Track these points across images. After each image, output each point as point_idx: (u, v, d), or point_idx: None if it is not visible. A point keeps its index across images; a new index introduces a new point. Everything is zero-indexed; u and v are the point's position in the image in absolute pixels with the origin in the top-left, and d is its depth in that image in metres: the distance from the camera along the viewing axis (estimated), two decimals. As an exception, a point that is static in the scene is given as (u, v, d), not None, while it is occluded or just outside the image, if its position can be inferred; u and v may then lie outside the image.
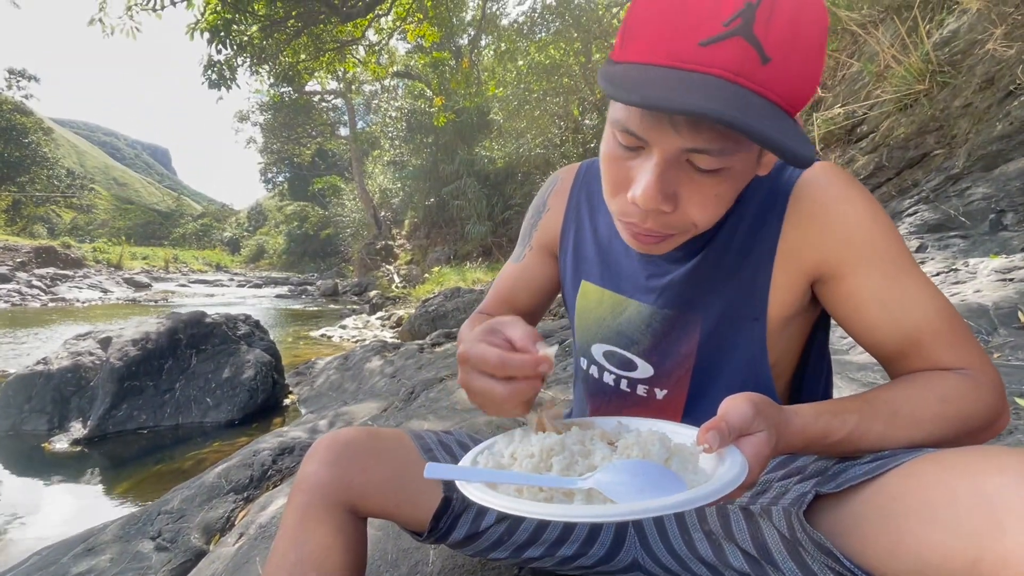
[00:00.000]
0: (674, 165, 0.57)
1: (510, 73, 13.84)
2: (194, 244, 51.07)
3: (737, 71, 0.51)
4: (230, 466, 1.90)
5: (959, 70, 3.61)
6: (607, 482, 0.50)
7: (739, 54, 0.50)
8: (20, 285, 14.92)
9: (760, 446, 0.54)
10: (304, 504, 0.74)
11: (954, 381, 0.64)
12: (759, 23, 0.49)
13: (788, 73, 0.52)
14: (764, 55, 0.50)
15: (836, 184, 0.68)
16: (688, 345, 0.76)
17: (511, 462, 0.58)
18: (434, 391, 2.33)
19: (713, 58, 0.51)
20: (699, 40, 0.51)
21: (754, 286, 0.72)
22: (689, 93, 0.49)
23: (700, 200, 0.60)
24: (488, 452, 0.61)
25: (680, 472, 0.53)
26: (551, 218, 0.92)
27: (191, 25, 7.44)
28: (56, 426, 3.79)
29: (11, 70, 35.56)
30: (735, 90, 0.50)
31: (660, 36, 0.53)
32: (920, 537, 0.49)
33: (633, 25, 0.55)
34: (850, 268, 0.67)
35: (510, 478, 0.53)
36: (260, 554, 1.19)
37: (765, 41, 0.50)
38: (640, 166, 0.59)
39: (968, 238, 2.88)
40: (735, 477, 0.48)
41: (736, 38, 0.50)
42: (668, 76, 0.51)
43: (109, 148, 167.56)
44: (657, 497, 0.46)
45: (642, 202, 0.58)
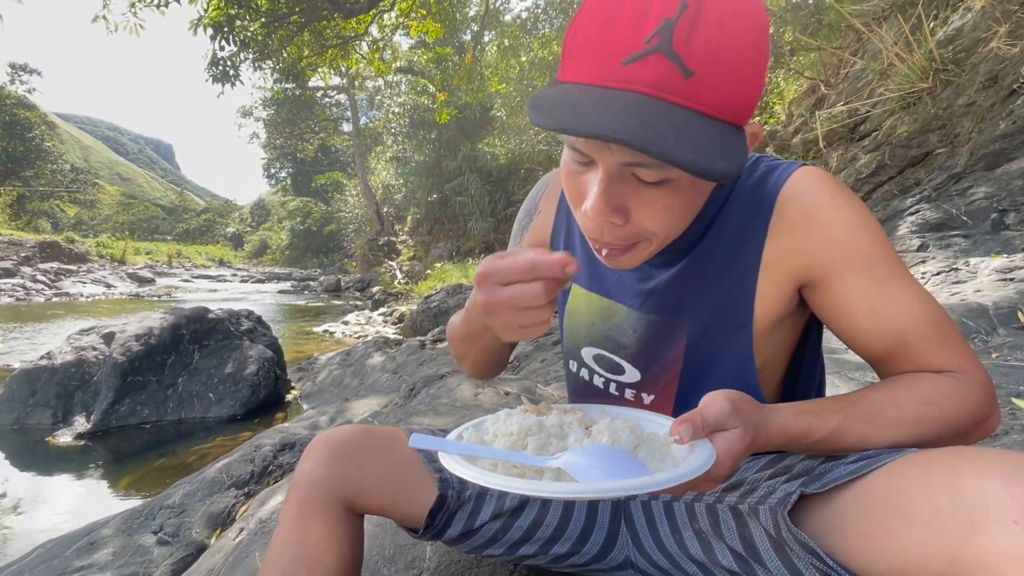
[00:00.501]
0: (619, 178, 0.58)
1: (513, 69, 13.83)
2: (197, 239, 51.17)
3: (659, 87, 0.51)
4: (231, 461, 1.92)
5: (963, 68, 3.60)
6: (574, 463, 0.53)
7: (659, 70, 0.51)
8: (24, 280, 14.98)
9: (733, 442, 0.56)
10: (301, 501, 0.76)
11: (940, 383, 0.64)
12: (678, 38, 0.50)
13: (718, 84, 0.52)
14: (686, 69, 0.51)
15: (822, 190, 0.68)
16: (675, 351, 0.77)
17: (493, 439, 0.62)
18: (435, 387, 2.34)
19: (635, 75, 0.52)
20: (622, 59, 0.52)
21: (740, 293, 0.72)
22: (603, 114, 0.50)
23: (649, 212, 0.60)
24: (474, 428, 0.65)
25: (647, 460, 0.56)
26: (542, 220, 0.92)
27: (194, 21, 7.45)
28: (60, 420, 3.82)
29: (13, 64, 35.62)
30: (655, 106, 0.51)
31: (589, 56, 0.54)
32: (900, 537, 0.50)
33: (568, 46, 0.57)
34: (837, 274, 0.67)
35: (486, 453, 0.58)
36: (259, 548, 1.21)
37: (686, 55, 0.50)
38: (590, 180, 0.61)
39: (969, 237, 2.87)
40: (697, 467, 0.51)
41: (656, 55, 0.51)
42: (590, 96, 0.52)
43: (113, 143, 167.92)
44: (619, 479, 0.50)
45: (591, 215, 0.59)
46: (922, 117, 3.70)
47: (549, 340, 3.72)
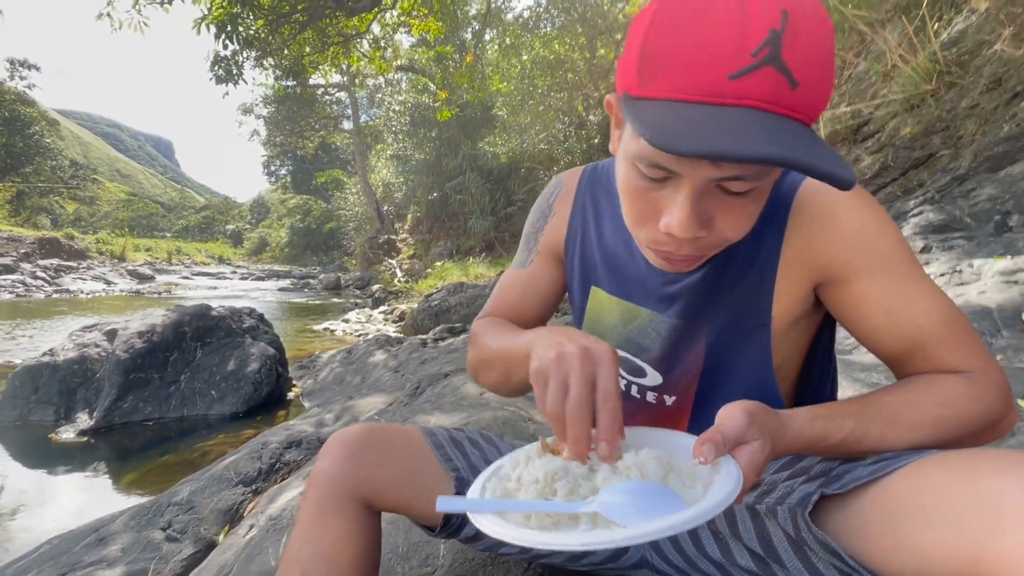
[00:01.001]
0: (706, 192, 0.57)
1: (514, 68, 13.82)
2: (197, 236, 51.11)
3: (769, 100, 0.50)
4: (238, 458, 1.92)
5: (967, 71, 3.61)
6: (610, 504, 0.53)
7: (770, 83, 0.50)
8: (24, 276, 14.97)
9: (754, 454, 0.56)
10: (319, 499, 0.76)
11: (955, 384, 0.65)
12: (786, 48, 0.49)
13: (813, 91, 0.52)
14: (793, 80, 0.50)
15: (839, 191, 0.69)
16: (694, 353, 0.77)
17: (517, 487, 0.60)
18: (439, 386, 2.35)
19: (744, 90, 0.50)
20: (728, 73, 0.50)
21: (758, 294, 0.72)
22: (736, 135, 0.48)
23: (733, 221, 0.60)
24: (496, 477, 0.63)
25: (679, 489, 0.56)
26: (556, 223, 0.91)
27: (198, 20, 7.44)
28: (63, 417, 3.82)
29: (12, 60, 35.55)
30: (772, 121, 0.50)
31: (686, 71, 0.51)
32: (922, 537, 0.51)
33: (652, 60, 0.54)
34: (854, 273, 0.68)
35: (518, 506, 0.56)
36: (272, 545, 1.21)
37: (792, 65, 0.50)
38: (669, 197, 0.59)
39: (973, 239, 2.88)
40: (730, 492, 0.51)
41: (766, 67, 0.49)
42: (705, 114, 0.50)
43: (112, 140, 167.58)
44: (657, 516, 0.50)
45: (679, 232, 0.58)
46: (926, 119, 3.70)
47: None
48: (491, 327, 0.88)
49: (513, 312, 0.94)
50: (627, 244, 0.82)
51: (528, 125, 14.79)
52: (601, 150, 13.54)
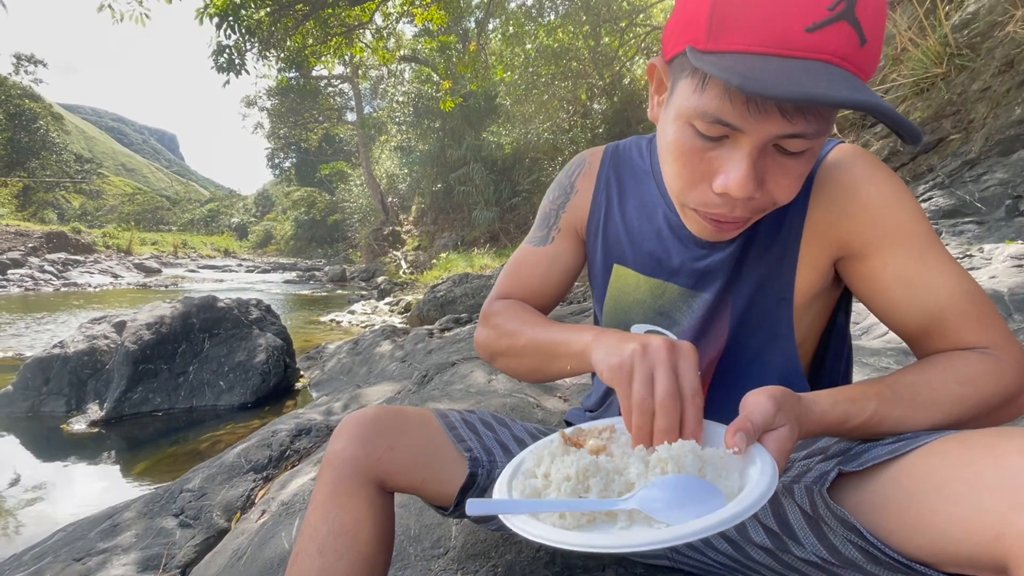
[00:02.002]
0: (764, 152, 0.58)
1: (518, 57, 13.72)
2: (202, 229, 51.29)
3: (842, 55, 0.51)
4: (249, 446, 1.94)
5: (978, 53, 3.56)
6: (648, 500, 0.51)
7: (844, 38, 0.50)
8: (32, 270, 15.09)
9: (783, 441, 0.56)
10: (335, 479, 0.76)
11: (975, 361, 0.64)
12: (860, 5, 0.50)
13: (875, 52, 0.53)
14: (864, 37, 0.51)
15: (861, 165, 0.69)
16: (720, 326, 0.77)
17: (546, 484, 0.59)
18: (447, 374, 2.35)
19: (820, 43, 0.50)
20: (805, 26, 0.50)
21: (782, 267, 0.73)
22: (826, 82, 0.49)
23: (786, 182, 0.60)
24: (521, 476, 0.61)
25: (715, 481, 0.54)
26: (579, 200, 0.91)
27: (200, 10, 7.41)
28: (74, 408, 3.87)
29: (18, 55, 35.61)
30: (845, 75, 0.50)
31: (762, 24, 0.51)
32: (943, 514, 0.50)
33: (725, 13, 0.53)
34: (874, 248, 0.67)
35: (553, 506, 0.54)
36: (285, 529, 1.22)
37: (864, 23, 0.50)
38: (727, 156, 0.59)
39: (983, 224, 2.85)
40: (770, 483, 0.50)
41: (841, 22, 0.50)
42: (785, 65, 0.50)
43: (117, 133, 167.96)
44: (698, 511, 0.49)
45: (736, 191, 0.58)
46: (936, 103, 3.66)
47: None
48: (519, 313, 0.86)
49: (532, 291, 0.92)
50: (652, 221, 0.82)
51: (532, 115, 14.72)
52: (606, 139, 13.46)
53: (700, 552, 0.79)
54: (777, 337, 0.75)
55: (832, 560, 0.62)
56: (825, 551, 0.62)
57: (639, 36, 13.23)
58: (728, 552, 0.75)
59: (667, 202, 0.81)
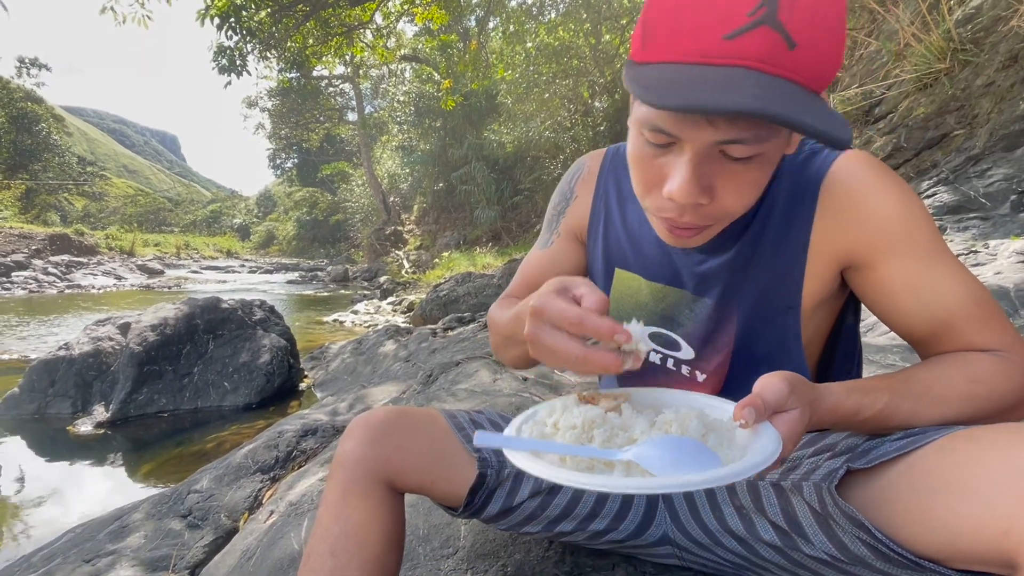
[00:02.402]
0: (708, 158, 0.57)
1: (518, 55, 13.71)
2: (204, 231, 51.36)
3: (765, 60, 0.50)
4: (256, 447, 1.95)
5: (981, 48, 3.54)
6: (646, 455, 0.53)
7: (766, 43, 0.50)
8: (36, 272, 15.14)
9: (794, 423, 0.56)
10: (345, 480, 0.77)
11: (986, 362, 0.64)
12: (783, 9, 0.49)
13: (814, 55, 0.51)
14: (791, 41, 0.50)
15: (868, 173, 0.68)
16: (727, 333, 0.77)
17: (554, 431, 0.61)
18: (452, 374, 2.36)
19: (740, 50, 0.50)
20: (724, 33, 0.50)
21: (789, 277, 0.72)
22: (725, 90, 0.49)
23: (736, 188, 0.60)
24: (532, 422, 0.63)
25: (716, 448, 0.55)
26: (579, 205, 0.91)
27: (201, 11, 7.42)
28: (79, 409, 3.88)
29: (21, 58, 35.68)
30: (767, 80, 0.50)
31: (683, 33, 0.52)
32: (952, 510, 0.51)
33: (653, 25, 0.55)
34: (881, 257, 0.67)
35: (554, 448, 0.56)
36: (293, 530, 1.23)
37: (790, 26, 0.49)
38: (673, 162, 0.59)
39: (988, 220, 2.85)
40: (771, 453, 0.50)
41: (762, 27, 0.49)
42: (698, 73, 0.51)
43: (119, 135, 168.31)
44: (694, 471, 0.49)
45: (679, 197, 0.58)
46: (939, 98, 3.64)
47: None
48: (504, 305, 0.89)
49: (531, 290, 0.93)
50: (651, 225, 0.82)
51: (533, 113, 14.69)
52: (607, 137, 13.43)
53: (709, 551, 0.80)
54: (785, 343, 0.75)
55: (841, 557, 0.62)
56: (834, 548, 0.63)
57: (640, 33, 13.14)
58: (737, 550, 0.76)
59: None
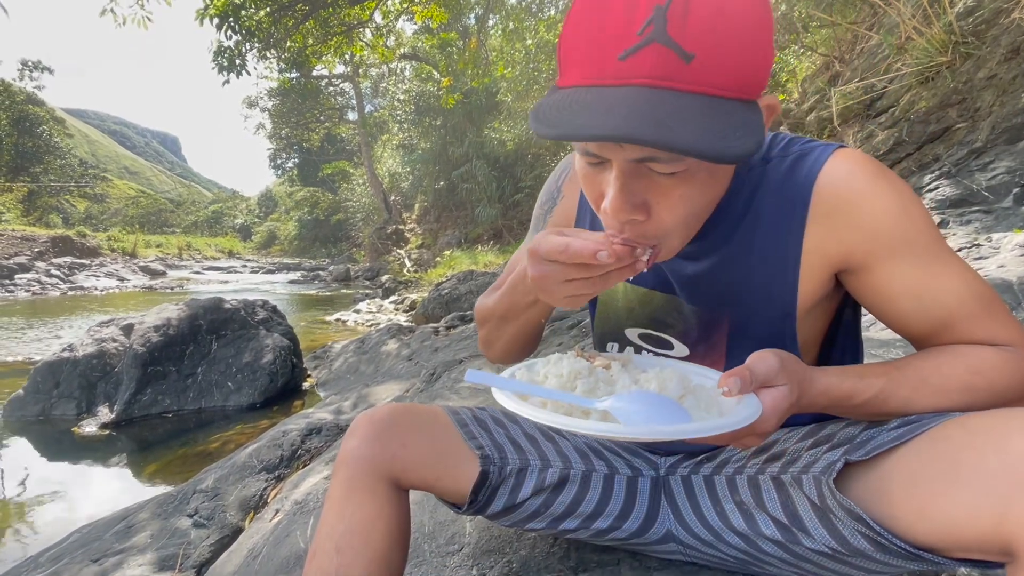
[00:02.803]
0: (635, 174, 0.57)
1: (518, 52, 13.68)
2: (206, 231, 51.39)
3: (660, 76, 0.50)
4: (260, 446, 1.95)
5: (983, 41, 3.53)
6: (619, 407, 0.56)
7: (658, 59, 0.50)
8: (39, 275, 15.17)
9: (779, 399, 0.57)
10: (349, 478, 0.77)
11: (987, 353, 0.64)
12: (672, 24, 0.49)
13: (721, 63, 0.51)
14: (685, 54, 0.49)
15: (861, 176, 0.66)
16: (718, 335, 0.77)
17: (543, 379, 0.65)
18: (455, 372, 2.36)
19: (633, 69, 0.51)
20: (617, 54, 0.51)
21: (783, 286, 0.71)
22: (602, 113, 0.50)
23: (668, 204, 0.59)
24: (526, 369, 0.69)
25: (692, 410, 0.58)
26: (565, 205, 0.90)
27: (200, 11, 7.42)
28: (84, 411, 3.90)
29: (24, 61, 35.73)
30: (659, 97, 0.50)
31: (584, 57, 0.54)
32: (947, 498, 0.51)
33: (562, 52, 0.57)
34: (877, 260, 0.66)
35: (537, 391, 0.61)
36: (299, 528, 1.23)
37: (683, 40, 0.49)
38: (606, 179, 0.60)
39: (991, 213, 2.84)
40: (743, 418, 0.52)
41: (652, 44, 0.49)
42: (590, 97, 0.52)
43: (119, 137, 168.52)
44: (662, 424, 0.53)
45: (611, 212, 0.59)
46: (941, 92, 3.63)
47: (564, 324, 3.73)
48: (486, 294, 0.90)
49: None
50: None
51: (534, 111, 14.66)
52: (608, 134, 13.38)
53: (713, 547, 0.80)
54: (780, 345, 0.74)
55: (842, 550, 0.63)
56: (835, 541, 0.63)
57: (640, 29, 13.15)
58: (740, 546, 0.76)
59: None
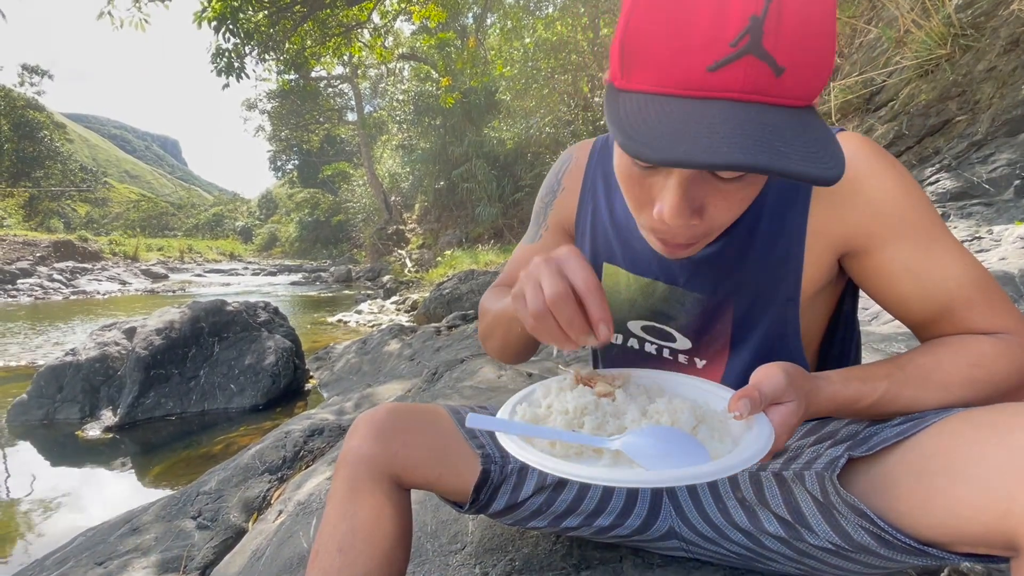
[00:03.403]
0: (697, 179, 0.56)
1: (517, 51, 13.67)
2: (207, 234, 51.45)
3: (750, 90, 0.48)
4: (263, 448, 1.96)
5: (982, 33, 3.51)
6: (633, 445, 0.53)
7: (751, 73, 0.47)
8: (42, 279, 15.19)
9: (788, 415, 0.56)
10: (351, 477, 0.77)
11: (987, 345, 0.64)
12: (768, 36, 0.46)
13: (803, 74, 0.49)
14: (777, 67, 0.47)
15: (862, 157, 0.67)
16: (723, 323, 0.77)
17: (547, 414, 0.61)
18: (456, 371, 2.36)
19: (724, 82, 0.47)
20: (706, 65, 0.47)
21: (787, 269, 0.71)
22: (712, 136, 0.46)
23: (726, 206, 0.59)
24: (526, 403, 0.64)
25: (707, 441, 0.56)
26: (566, 198, 0.90)
27: (198, 13, 7.42)
28: (88, 414, 3.91)
29: (25, 66, 35.75)
30: (750, 113, 0.47)
31: (665, 63, 0.49)
32: (951, 493, 0.51)
33: (633, 50, 0.51)
34: (879, 241, 0.66)
35: (544, 433, 0.57)
36: (302, 529, 1.24)
37: (776, 53, 0.46)
38: (661, 183, 0.57)
39: (992, 205, 2.83)
40: (758, 450, 0.50)
41: (746, 57, 0.46)
42: (679, 112, 0.48)
43: (119, 141, 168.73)
44: (678, 463, 0.50)
45: (670, 219, 0.56)
46: (941, 85, 3.62)
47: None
48: (493, 295, 0.89)
49: None
50: None
51: (533, 109, 14.66)
52: (607, 131, 13.37)
53: (716, 543, 0.80)
54: (784, 336, 0.75)
55: (845, 546, 0.62)
56: (838, 537, 0.63)
57: (638, 26, 13.14)
58: (743, 542, 0.76)
59: None
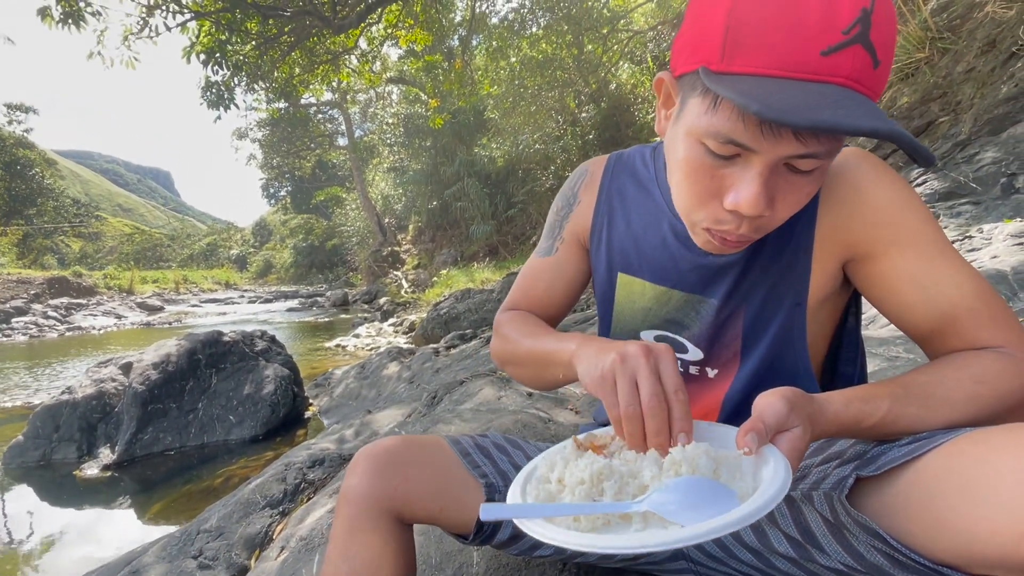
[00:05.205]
0: (775, 170, 0.58)
1: (503, 70, 13.85)
2: (202, 264, 51.33)
3: (856, 78, 0.52)
4: (264, 481, 1.93)
5: (959, 35, 3.58)
6: (662, 503, 0.52)
7: (858, 62, 0.51)
8: (36, 317, 15.09)
9: (796, 441, 0.55)
10: (351, 515, 0.76)
11: (991, 360, 0.63)
12: (875, 28, 0.50)
13: (886, 72, 0.54)
14: (876, 59, 0.52)
15: (867, 168, 0.69)
16: (733, 331, 0.78)
17: (560, 488, 0.59)
18: (456, 393, 2.35)
19: (835, 67, 0.51)
20: (820, 49, 0.51)
21: (795, 274, 0.73)
22: (836, 107, 0.49)
23: (795, 199, 0.61)
24: (534, 480, 0.61)
25: (729, 482, 0.54)
26: (582, 210, 0.92)
27: (187, 48, 7.50)
28: (85, 453, 3.86)
29: (9, 104, 35.89)
30: (859, 98, 0.51)
31: (777, 47, 0.52)
32: (965, 514, 0.50)
33: (737, 35, 0.53)
34: (883, 248, 0.68)
35: (567, 510, 0.55)
36: (305, 566, 1.22)
37: (877, 46, 0.51)
38: (738, 174, 0.59)
39: (980, 204, 2.86)
40: (783, 484, 0.50)
41: (855, 46, 0.50)
42: (800, 89, 0.51)
43: (111, 175, 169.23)
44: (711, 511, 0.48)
45: (748, 209, 0.58)
46: (922, 87, 3.68)
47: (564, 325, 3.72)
48: (519, 323, 0.89)
49: (539, 302, 0.95)
50: (657, 229, 0.82)
51: (522, 126, 14.81)
52: (596, 145, 13.52)
53: (723, 563, 0.79)
54: (791, 342, 0.76)
55: (857, 567, 0.61)
56: (850, 558, 0.62)
57: (622, 41, 13.36)
58: (752, 562, 0.75)
59: (672, 211, 0.81)
